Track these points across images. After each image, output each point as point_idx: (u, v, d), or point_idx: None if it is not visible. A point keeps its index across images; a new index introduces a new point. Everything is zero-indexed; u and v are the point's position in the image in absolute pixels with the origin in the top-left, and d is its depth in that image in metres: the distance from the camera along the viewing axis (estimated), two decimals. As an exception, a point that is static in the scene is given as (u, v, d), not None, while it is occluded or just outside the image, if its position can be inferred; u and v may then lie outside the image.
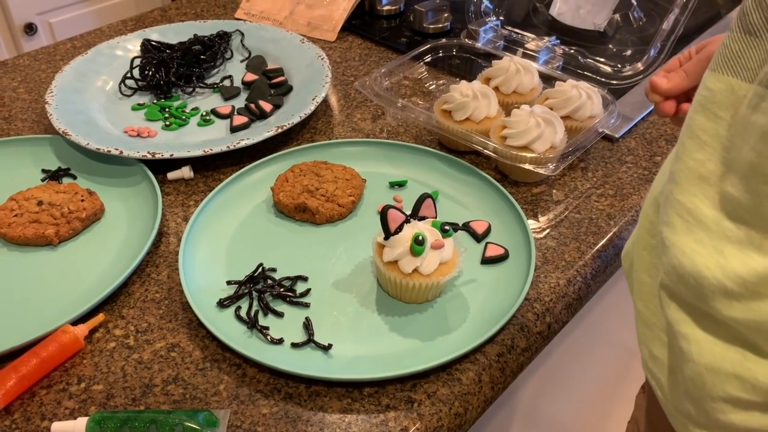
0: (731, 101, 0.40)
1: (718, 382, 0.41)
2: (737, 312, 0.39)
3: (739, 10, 0.39)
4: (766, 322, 0.38)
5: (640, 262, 0.51)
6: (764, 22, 0.37)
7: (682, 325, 0.43)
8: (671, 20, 0.89)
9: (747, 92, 0.38)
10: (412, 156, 0.78)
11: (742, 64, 0.39)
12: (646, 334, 0.50)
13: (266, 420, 0.52)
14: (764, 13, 0.37)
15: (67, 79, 0.89)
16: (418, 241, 0.57)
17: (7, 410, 0.54)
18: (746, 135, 0.38)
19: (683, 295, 0.43)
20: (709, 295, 0.40)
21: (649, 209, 0.50)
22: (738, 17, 0.39)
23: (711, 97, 0.41)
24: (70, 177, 0.77)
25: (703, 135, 0.41)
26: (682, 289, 0.43)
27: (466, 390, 0.55)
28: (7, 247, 0.68)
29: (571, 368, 0.93)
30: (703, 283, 0.40)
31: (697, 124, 0.42)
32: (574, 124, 0.77)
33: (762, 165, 0.37)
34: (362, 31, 1.09)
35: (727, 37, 0.40)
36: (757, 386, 0.40)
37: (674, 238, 0.43)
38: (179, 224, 0.71)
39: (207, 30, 1.02)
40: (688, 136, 0.42)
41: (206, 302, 0.61)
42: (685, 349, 0.43)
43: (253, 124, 0.85)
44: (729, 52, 0.40)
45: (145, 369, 0.57)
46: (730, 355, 0.41)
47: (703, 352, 0.42)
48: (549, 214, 0.72)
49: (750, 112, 0.38)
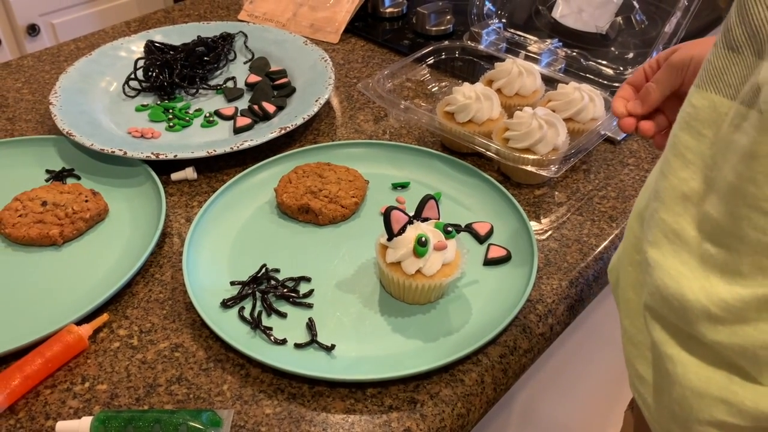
0: (714, 119, 0.39)
1: (704, 405, 0.40)
2: (722, 336, 0.38)
3: (724, 25, 0.38)
4: (752, 347, 0.37)
5: (625, 277, 0.49)
6: (746, 38, 0.36)
7: (668, 346, 0.42)
8: (673, 23, 0.89)
9: (729, 110, 0.38)
10: (414, 157, 0.79)
11: (724, 80, 0.38)
12: (632, 352, 0.48)
13: (269, 420, 0.53)
14: (746, 28, 0.36)
15: (71, 80, 0.89)
16: (421, 242, 0.57)
17: (11, 409, 0.54)
18: (727, 154, 0.37)
19: (668, 317, 0.42)
20: (694, 319, 0.39)
21: (634, 223, 0.48)
22: (722, 32, 0.38)
23: (695, 114, 0.40)
24: (74, 177, 0.78)
25: (687, 153, 0.40)
26: (666, 311, 0.42)
27: (468, 391, 0.55)
28: (12, 248, 0.68)
29: (572, 370, 0.93)
30: (687, 306, 0.39)
31: (682, 141, 0.41)
32: (577, 127, 0.78)
33: (741, 187, 0.36)
34: (365, 33, 1.09)
35: (711, 52, 0.39)
36: (743, 411, 0.39)
37: (659, 258, 0.42)
38: (183, 225, 0.71)
39: (210, 31, 1.02)
40: (673, 154, 0.41)
41: (210, 303, 0.61)
42: (671, 371, 0.42)
43: (257, 125, 0.85)
44: (712, 68, 0.39)
45: (149, 369, 0.57)
46: (717, 378, 0.40)
47: (688, 375, 0.41)
48: (551, 215, 0.72)
49: (732, 130, 0.37)
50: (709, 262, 0.39)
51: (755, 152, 0.35)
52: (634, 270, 0.48)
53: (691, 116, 0.40)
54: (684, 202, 0.40)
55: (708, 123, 0.39)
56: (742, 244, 0.37)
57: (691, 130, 0.40)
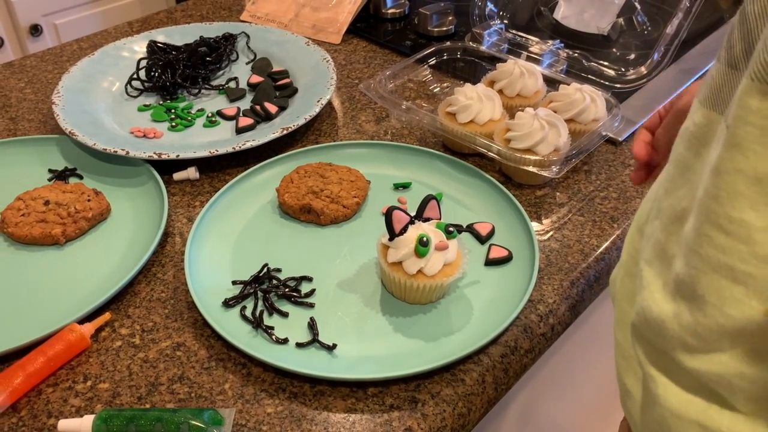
0: (709, 136, 0.37)
1: (682, 428, 0.40)
2: (698, 364, 0.38)
3: (726, 41, 0.37)
4: (727, 375, 0.37)
5: (622, 288, 0.48)
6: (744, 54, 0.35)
7: (650, 366, 0.42)
8: (675, 24, 0.89)
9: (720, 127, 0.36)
10: (416, 158, 0.79)
11: (722, 97, 0.37)
12: (622, 365, 0.48)
13: (271, 419, 0.53)
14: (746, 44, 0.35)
15: (74, 80, 0.89)
16: (422, 242, 0.57)
17: (14, 408, 0.54)
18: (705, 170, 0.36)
19: (650, 339, 0.42)
20: (672, 345, 0.39)
21: (635, 235, 0.47)
22: (725, 48, 0.37)
23: (695, 132, 0.39)
24: (77, 177, 0.78)
25: (687, 171, 0.39)
26: (648, 333, 0.41)
27: (469, 390, 0.55)
28: (14, 247, 0.69)
29: (572, 371, 0.93)
30: (666, 333, 0.39)
31: (683, 158, 0.40)
32: (578, 127, 0.78)
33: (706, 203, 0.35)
34: (367, 33, 1.09)
35: (714, 67, 0.38)
36: None
37: (649, 278, 0.41)
38: (185, 224, 0.72)
39: (213, 32, 1.02)
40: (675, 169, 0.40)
41: (212, 302, 0.61)
42: (653, 391, 0.42)
43: (259, 125, 0.85)
44: (713, 83, 0.38)
45: (151, 368, 0.57)
46: (695, 402, 0.39)
47: (669, 397, 0.40)
48: (552, 216, 0.72)
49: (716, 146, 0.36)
50: (680, 287, 0.38)
51: (719, 168, 0.34)
52: (630, 281, 0.47)
53: (692, 133, 0.39)
54: (675, 222, 0.39)
55: (704, 140, 0.38)
56: (702, 263, 0.36)
57: (691, 148, 0.39)
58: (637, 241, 0.47)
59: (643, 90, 0.92)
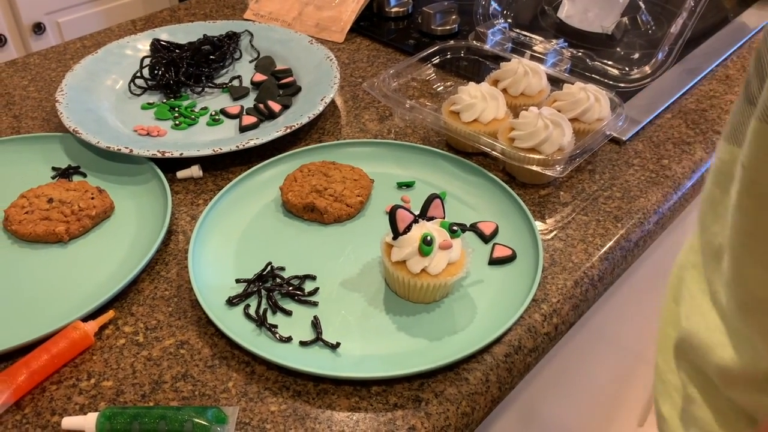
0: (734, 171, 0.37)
1: None
2: (736, 394, 0.38)
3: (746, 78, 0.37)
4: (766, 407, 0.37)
5: (667, 312, 0.48)
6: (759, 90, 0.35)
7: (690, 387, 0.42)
8: (679, 24, 0.89)
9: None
10: (419, 157, 0.79)
11: (742, 131, 0.37)
12: (659, 389, 0.48)
13: (275, 417, 0.53)
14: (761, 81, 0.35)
15: (77, 78, 0.89)
16: (426, 241, 0.57)
17: (18, 405, 0.54)
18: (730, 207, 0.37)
19: (693, 361, 0.42)
20: (713, 373, 0.39)
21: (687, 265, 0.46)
22: (744, 85, 0.37)
23: (721, 167, 0.39)
24: (80, 175, 0.78)
25: (718, 206, 0.39)
26: (692, 356, 0.42)
27: (473, 390, 0.55)
28: (18, 244, 0.69)
29: (576, 371, 0.93)
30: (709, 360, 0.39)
31: (712, 194, 0.40)
32: (582, 127, 0.78)
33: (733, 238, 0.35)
34: (370, 32, 1.09)
35: (735, 103, 0.38)
36: None
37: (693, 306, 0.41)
38: (188, 223, 0.72)
39: (216, 30, 1.02)
40: (707, 205, 0.41)
41: (215, 300, 0.61)
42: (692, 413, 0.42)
43: (262, 124, 0.85)
44: (734, 119, 0.38)
45: (155, 366, 0.57)
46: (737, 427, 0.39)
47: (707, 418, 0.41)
48: (556, 215, 0.72)
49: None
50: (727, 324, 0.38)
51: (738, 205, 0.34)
52: (675, 306, 0.47)
53: (719, 169, 0.39)
54: (714, 258, 0.40)
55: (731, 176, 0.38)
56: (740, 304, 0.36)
57: (720, 184, 0.39)
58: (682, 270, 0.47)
59: (647, 89, 0.92)
